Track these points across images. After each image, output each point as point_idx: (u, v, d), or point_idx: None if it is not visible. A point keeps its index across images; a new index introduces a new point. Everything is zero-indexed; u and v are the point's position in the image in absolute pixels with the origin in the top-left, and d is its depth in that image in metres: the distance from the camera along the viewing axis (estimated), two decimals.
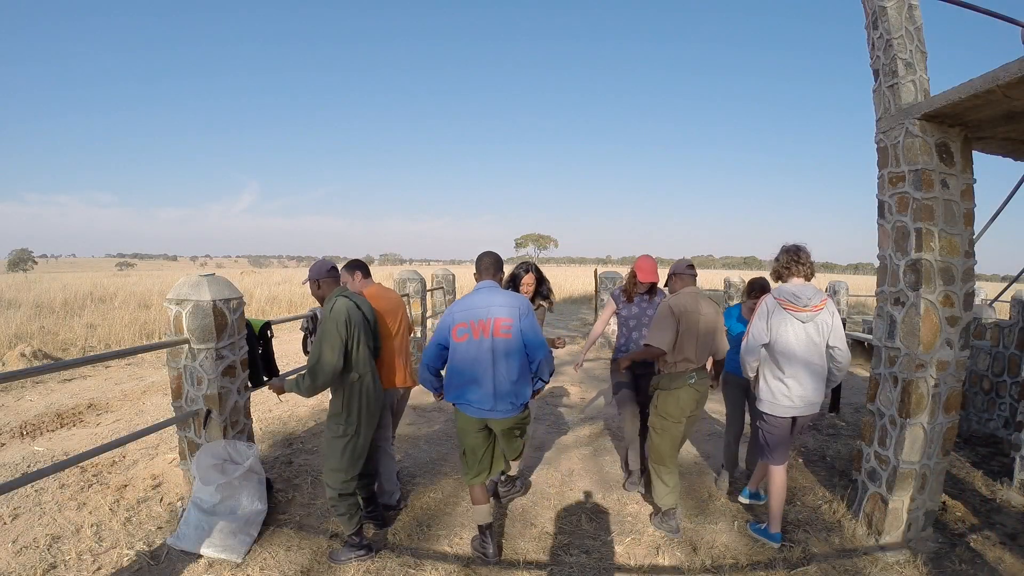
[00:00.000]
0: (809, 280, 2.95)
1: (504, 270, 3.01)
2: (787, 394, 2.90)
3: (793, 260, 2.93)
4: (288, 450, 4.30)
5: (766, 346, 2.93)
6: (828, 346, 2.89)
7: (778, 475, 3.06)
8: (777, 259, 3.00)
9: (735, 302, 11.40)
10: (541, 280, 3.55)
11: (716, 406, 5.40)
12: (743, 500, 3.39)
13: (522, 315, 2.69)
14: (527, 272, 3.47)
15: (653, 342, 3.03)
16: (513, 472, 3.31)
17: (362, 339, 2.72)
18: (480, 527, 2.90)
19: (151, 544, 2.89)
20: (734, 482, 3.80)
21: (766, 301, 2.93)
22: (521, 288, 3.44)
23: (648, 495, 3.55)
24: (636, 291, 3.62)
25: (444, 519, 3.29)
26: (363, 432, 2.77)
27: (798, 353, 2.86)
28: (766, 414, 3.00)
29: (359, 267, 3.30)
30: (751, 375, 3.05)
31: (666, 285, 3.35)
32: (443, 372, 2.85)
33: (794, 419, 3.00)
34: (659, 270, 3.64)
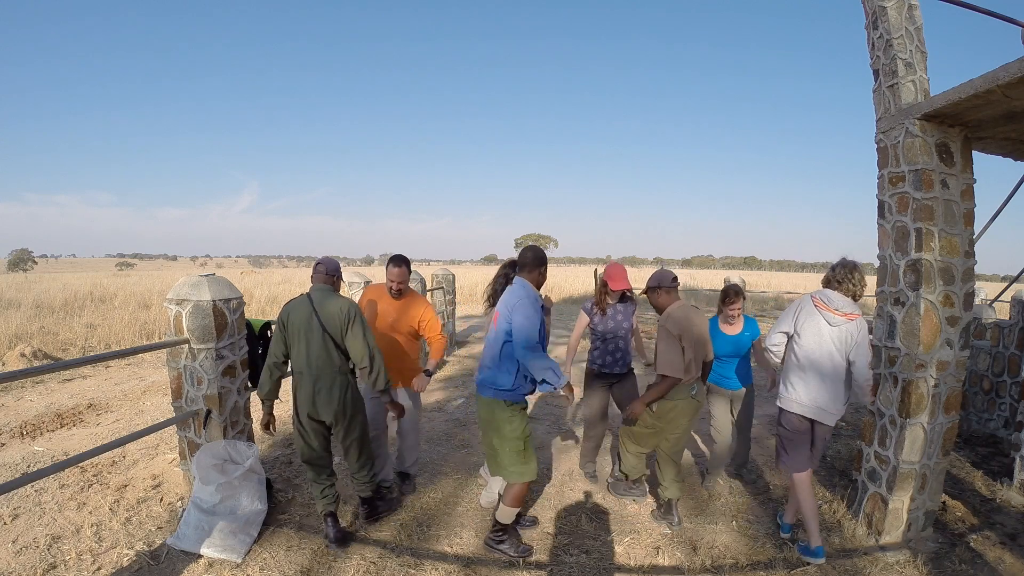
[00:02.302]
0: (850, 297, 2.93)
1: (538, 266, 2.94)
2: (800, 394, 2.92)
3: (847, 276, 2.91)
4: (288, 450, 4.30)
5: (791, 340, 2.99)
6: (848, 359, 2.87)
7: (800, 483, 2.94)
8: (834, 269, 2.98)
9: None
10: None
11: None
12: (784, 536, 3.14)
13: (513, 311, 2.70)
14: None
15: (668, 372, 2.94)
16: (501, 518, 2.92)
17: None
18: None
19: (151, 544, 2.89)
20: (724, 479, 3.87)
21: (801, 298, 3.04)
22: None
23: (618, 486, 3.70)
24: (608, 302, 3.56)
25: (444, 519, 3.29)
26: (303, 425, 2.92)
27: (816, 353, 2.88)
28: (781, 409, 3.03)
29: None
30: (775, 360, 3.12)
31: (643, 293, 3.25)
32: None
33: (812, 424, 2.95)
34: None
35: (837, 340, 2.85)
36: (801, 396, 2.91)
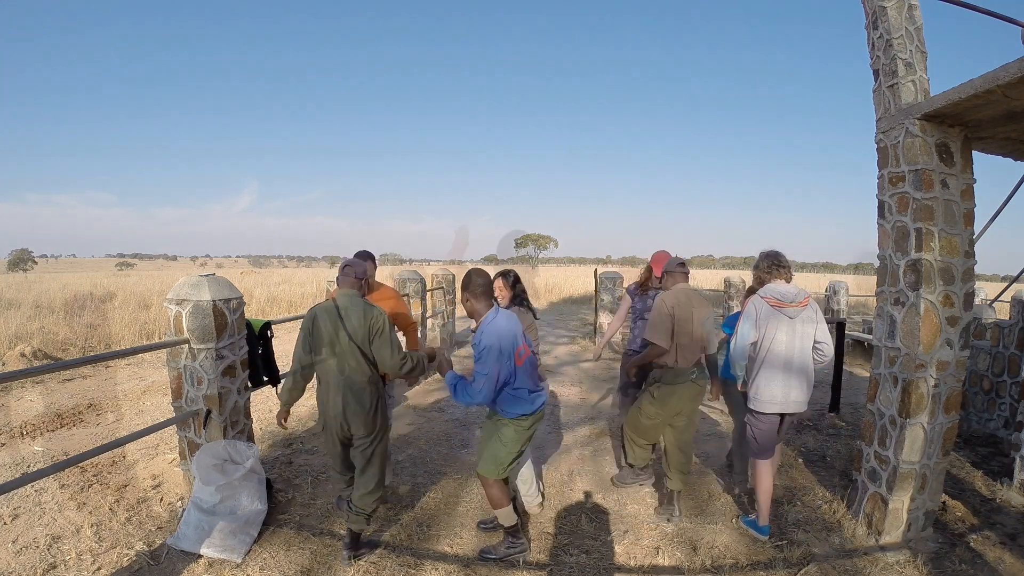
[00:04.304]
0: (788, 283, 3.09)
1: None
2: (774, 392, 2.99)
3: (775, 265, 3.08)
4: (288, 450, 4.30)
5: (755, 345, 3.04)
6: (815, 341, 3.01)
7: (764, 470, 3.13)
8: (758, 266, 3.15)
9: (735, 303, 11.31)
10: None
11: (719, 406, 5.41)
12: (763, 537, 3.13)
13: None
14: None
15: (654, 339, 3.13)
16: (503, 522, 2.90)
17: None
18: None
19: (151, 544, 2.89)
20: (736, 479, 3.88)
21: (752, 302, 3.05)
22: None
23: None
24: (652, 285, 3.77)
25: (444, 519, 3.29)
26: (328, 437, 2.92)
27: (786, 351, 2.97)
28: (754, 411, 3.08)
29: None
30: (740, 375, 3.14)
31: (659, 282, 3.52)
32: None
33: (782, 416, 3.08)
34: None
35: (802, 330, 2.98)
36: (776, 395, 2.99)
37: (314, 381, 2.95)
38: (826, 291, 12.17)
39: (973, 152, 3.13)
